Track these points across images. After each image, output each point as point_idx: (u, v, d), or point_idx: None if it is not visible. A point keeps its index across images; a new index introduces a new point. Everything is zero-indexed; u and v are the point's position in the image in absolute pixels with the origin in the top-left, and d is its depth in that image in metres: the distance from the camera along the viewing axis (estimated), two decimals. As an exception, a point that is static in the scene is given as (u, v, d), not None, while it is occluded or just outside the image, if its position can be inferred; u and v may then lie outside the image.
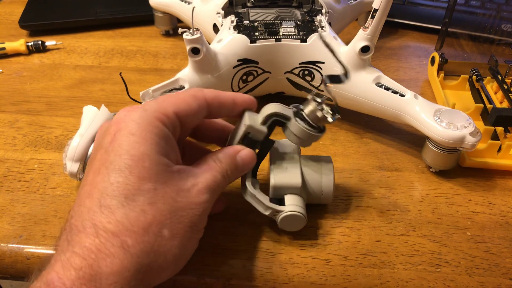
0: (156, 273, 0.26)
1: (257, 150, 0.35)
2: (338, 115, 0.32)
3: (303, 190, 0.35)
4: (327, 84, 0.32)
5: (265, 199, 0.34)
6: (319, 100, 0.32)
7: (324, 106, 0.32)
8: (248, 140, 0.34)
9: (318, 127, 0.33)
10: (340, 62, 0.33)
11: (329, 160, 0.37)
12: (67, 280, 0.24)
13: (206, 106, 0.32)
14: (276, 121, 0.34)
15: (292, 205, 0.34)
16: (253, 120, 0.33)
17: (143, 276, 0.25)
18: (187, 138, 0.36)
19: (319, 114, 0.32)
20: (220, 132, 0.36)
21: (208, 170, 0.30)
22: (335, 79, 0.32)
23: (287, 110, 0.34)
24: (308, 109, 0.33)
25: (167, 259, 0.26)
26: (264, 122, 0.33)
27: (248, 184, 0.35)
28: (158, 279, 0.27)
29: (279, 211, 0.34)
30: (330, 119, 0.32)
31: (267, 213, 0.35)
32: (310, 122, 0.33)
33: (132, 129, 0.27)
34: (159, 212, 0.26)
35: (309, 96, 0.33)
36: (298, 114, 0.33)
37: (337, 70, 0.43)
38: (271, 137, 0.35)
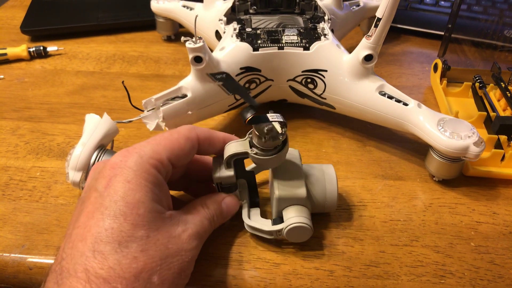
0: None
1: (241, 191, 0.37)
2: (285, 126, 0.31)
3: (307, 200, 0.35)
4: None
5: (265, 225, 0.35)
6: (259, 127, 0.31)
7: (267, 128, 0.30)
8: (223, 188, 0.35)
9: (275, 147, 0.32)
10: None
11: (331, 169, 0.37)
12: None
13: (197, 146, 0.33)
14: (238, 160, 0.34)
15: (297, 216, 0.33)
16: (217, 170, 0.34)
17: None
18: None
19: (267, 139, 0.31)
20: (209, 169, 0.36)
21: (196, 215, 0.31)
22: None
23: (243, 145, 0.33)
24: (255, 137, 0.32)
25: None
26: (228, 165, 0.34)
27: (244, 217, 0.36)
28: None
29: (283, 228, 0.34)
30: (280, 137, 0.31)
31: (272, 237, 0.35)
32: (265, 148, 0.32)
33: (128, 176, 0.28)
34: (150, 259, 0.27)
35: (252, 127, 0.31)
36: (251, 143, 0.33)
37: (341, 79, 0.43)
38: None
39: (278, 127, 0.31)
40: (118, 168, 0.29)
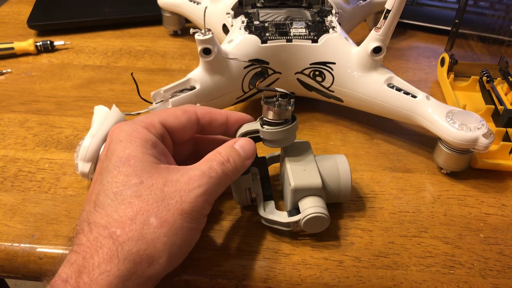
0: (147, 263, 0.26)
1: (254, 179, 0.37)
2: (292, 98, 0.34)
3: (322, 190, 0.35)
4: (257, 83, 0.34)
5: (282, 217, 0.35)
6: (269, 100, 0.34)
7: (277, 102, 0.34)
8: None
9: (285, 120, 0.34)
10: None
11: (344, 158, 0.37)
12: (63, 274, 0.26)
13: (197, 120, 0.34)
14: (254, 138, 0.35)
15: (314, 206, 0.33)
16: None
17: (133, 265, 0.26)
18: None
19: (276, 110, 0.33)
20: (222, 126, 0.36)
21: (203, 162, 0.31)
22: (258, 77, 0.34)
23: (254, 125, 0.35)
24: (265, 112, 0.34)
25: (157, 247, 0.27)
26: None
27: (260, 211, 0.36)
28: (151, 269, 0.27)
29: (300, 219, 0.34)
30: (289, 107, 0.33)
31: (289, 229, 0.35)
32: (275, 121, 0.34)
33: (120, 136, 0.30)
34: (145, 202, 0.27)
35: (262, 102, 0.34)
36: (262, 122, 0.35)
37: (349, 72, 0.43)
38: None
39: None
40: (113, 134, 0.31)
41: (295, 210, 0.35)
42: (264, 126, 0.34)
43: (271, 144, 0.35)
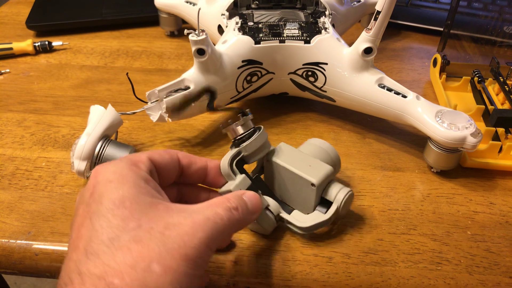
0: None
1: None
2: (247, 110, 0.35)
3: (334, 172, 0.36)
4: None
5: (320, 217, 0.35)
6: (230, 121, 0.35)
7: (239, 121, 0.35)
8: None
9: (253, 129, 0.35)
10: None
11: (316, 139, 0.39)
12: None
13: (178, 160, 0.32)
14: (238, 162, 0.35)
15: (342, 188, 0.35)
16: (229, 184, 0.34)
17: None
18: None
19: (241, 121, 0.35)
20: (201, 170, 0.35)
21: (210, 206, 0.28)
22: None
23: (231, 152, 0.35)
24: (233, 132, 0.35)
25: None
26: (234, 173, 0.34)
27: (293, 220, 0.35)
28: None
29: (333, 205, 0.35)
30: (249, 115, 0.35)
31: (331, 217, 0.35)
32: (246, 133, 0.35)
33: (109, 177, 0.27)
34: (145, 248, 0.24)
35: (224, 130, 0.35)
36: (237, 143, 0.35)
37: (341, 72, 0.44)
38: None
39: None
40: (99, 175, 0.28)
41: (323, 204, 0.35)
42: (240, 144, 0.35)
43: (254, 157, 0.35)
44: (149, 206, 0.26)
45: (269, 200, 0.35)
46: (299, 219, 0.35)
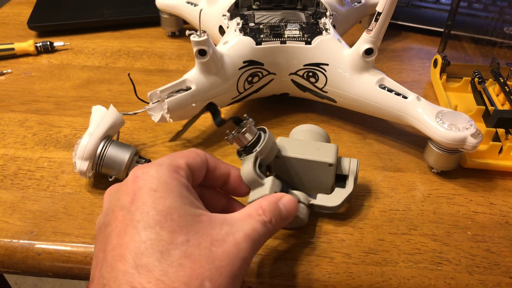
0: None
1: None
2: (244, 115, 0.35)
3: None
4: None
5: (343, 193, 0.37)
6: (234, 132, 0.34)
7: (242, 124, 0.34)
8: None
9: (258, 132, 0.35)
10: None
11: (306, 125, 0.41)
12: None
13: (206, 162, 0.32)
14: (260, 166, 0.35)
15: (351, 159, 0.38)
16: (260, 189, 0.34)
17: None
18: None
19: (248, 127, 0.34)
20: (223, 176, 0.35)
21: (246, 218, 0.29)
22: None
23: (249, 159, 0.34)
24: (242, 141, 0.34)
25: None
26: (261, 177, 0.34)
27: (321, 202, 0.37)
28: None
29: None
30: (250, 119, 0.35)
31: (354, 188, 0.38)
32: (255, 138, 0.34)
33: (153, 185, 0.27)
34: (197, 264, 0.25)
35: (230, 140, 0.35)
36: (249, 151, 0.34)
37: (342, 73, 0.44)
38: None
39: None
40: (140, 180, 0.27)
41: (340, 182, 0.38)
42: (254, 149, 0.34)
43: (269, 158, 0.35)
44: (194, 219, 0.26)
45: (296, 192, 0.36)
46: (327, 200, 0.37)
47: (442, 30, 0.56)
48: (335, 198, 0.37)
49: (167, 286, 0.23)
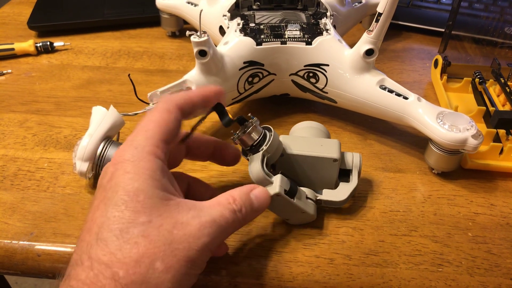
0: None
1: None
2: (248, 115, 0.35)
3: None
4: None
5: (350, 186, 0.38)
6: (240, 132, 0.34)
7: (247, 124, 0.34)
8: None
9: (264, 131, 0.35)
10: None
11: (305, 123, 0.42)
12: None
13: (180, 114, 0.32)
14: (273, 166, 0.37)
15: (353, 153, 0.39)
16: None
17: None
18: (192, 176, 0.37)
19: (254, 126, 0.34)
20: (207, 146, 0.37)
21: (216, 206, 0.29)
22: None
23: (257, 158, 0.34)
24: (248, 140, 0.34)
25: None
26: (269, 175, 0.34)
27: (329, 197, 0.37)
28: None
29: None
30: (254, 118, 0.35)
31: (358, 183, 0.38)
32: (261, 136, 0.35)
33: (127, 167, 0.28)
34: (152, 244, 0.26)
35: (236, 140, 0.35)
36: (255, 149, 0.35)
37: (343, 74, 0.44)
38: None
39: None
40: (118, 163, 0.29)
41: (344, 176, 0.38)
42: (261, 148, 0.34)
43: (275, 156, 0.35)
44: (160, 202, 0.28)
45: (303, 189, 0.36)
46: (333, 195, 0.37)
47: (443, 30, 0.56)
48: (341, 192, 0.38)
49: (118, 260, 0.25)
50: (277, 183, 0.33)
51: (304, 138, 0.39)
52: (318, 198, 0.37)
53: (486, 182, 0.42)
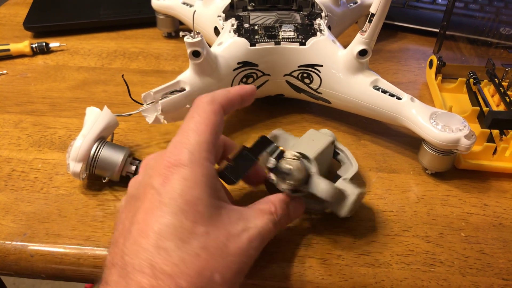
0: None
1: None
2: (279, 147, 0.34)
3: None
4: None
5: (351, 169, 0.39)
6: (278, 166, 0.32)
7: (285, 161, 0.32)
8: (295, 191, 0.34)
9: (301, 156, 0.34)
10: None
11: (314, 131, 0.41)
12: None
13: (224, 113, 0.32)
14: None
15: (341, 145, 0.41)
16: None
17: None
18: None
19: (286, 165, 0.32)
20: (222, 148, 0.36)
21: (261, 216, 0.31)
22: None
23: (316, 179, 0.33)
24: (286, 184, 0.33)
25: None
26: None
27: (348, 188, 0.35)
28: None
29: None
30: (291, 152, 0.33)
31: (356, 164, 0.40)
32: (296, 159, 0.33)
33: (184, 174, 0.28)
34: (211, 257, 0.27)
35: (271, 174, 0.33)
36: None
37: (336, 74, 0.44)
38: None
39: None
40: (173, 167, 0.28)
41: (350, 167, 0.40)
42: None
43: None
44: (215, 211, 0.28)
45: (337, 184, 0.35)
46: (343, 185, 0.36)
47: (438, 30, 0.56)
48: (346, 180, 0.36)
49: (181, 271, 0.25)
50: (350, 189, 0.34)
51: (298, 141, 0.39)
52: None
53: (480, 182, 0.42)
